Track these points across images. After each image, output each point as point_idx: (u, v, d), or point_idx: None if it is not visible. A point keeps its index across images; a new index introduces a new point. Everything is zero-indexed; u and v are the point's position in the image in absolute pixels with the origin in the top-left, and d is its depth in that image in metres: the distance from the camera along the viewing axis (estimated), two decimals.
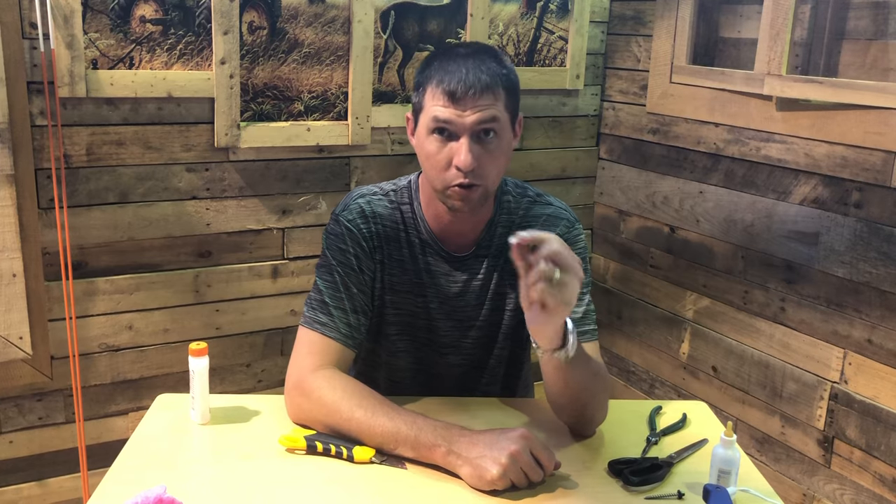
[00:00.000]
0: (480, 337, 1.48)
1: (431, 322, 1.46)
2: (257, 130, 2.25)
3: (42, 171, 2.04)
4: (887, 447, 2.00)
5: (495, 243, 1.43)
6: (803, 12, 2.21)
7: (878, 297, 2.00)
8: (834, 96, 2.02)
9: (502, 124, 1.31)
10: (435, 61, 1.32)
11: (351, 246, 1.39)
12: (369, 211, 1.41)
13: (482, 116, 1.27)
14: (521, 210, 1.45)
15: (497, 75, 1.30)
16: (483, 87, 1.27)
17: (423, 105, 1.32)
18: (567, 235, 1.42)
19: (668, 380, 2.67)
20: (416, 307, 1.45)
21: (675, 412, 1.44)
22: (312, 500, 1.14)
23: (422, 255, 1.43)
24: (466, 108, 1.27)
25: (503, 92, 1.30)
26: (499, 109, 1.29)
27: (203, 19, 2.13)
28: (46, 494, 2.22)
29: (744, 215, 2.34)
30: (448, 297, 1.44)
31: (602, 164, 2.88)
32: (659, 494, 1.19)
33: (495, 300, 1.45)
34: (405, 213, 1.43)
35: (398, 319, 1.46)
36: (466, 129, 1.28)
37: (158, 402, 1.42)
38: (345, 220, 1.41)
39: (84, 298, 2.15)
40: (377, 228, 1.41)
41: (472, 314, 1.46)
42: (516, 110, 1.36)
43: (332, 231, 1.41)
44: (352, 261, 1.39)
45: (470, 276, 1.44)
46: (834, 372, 2.12)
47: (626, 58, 2.74)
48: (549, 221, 1.44)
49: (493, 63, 1.30)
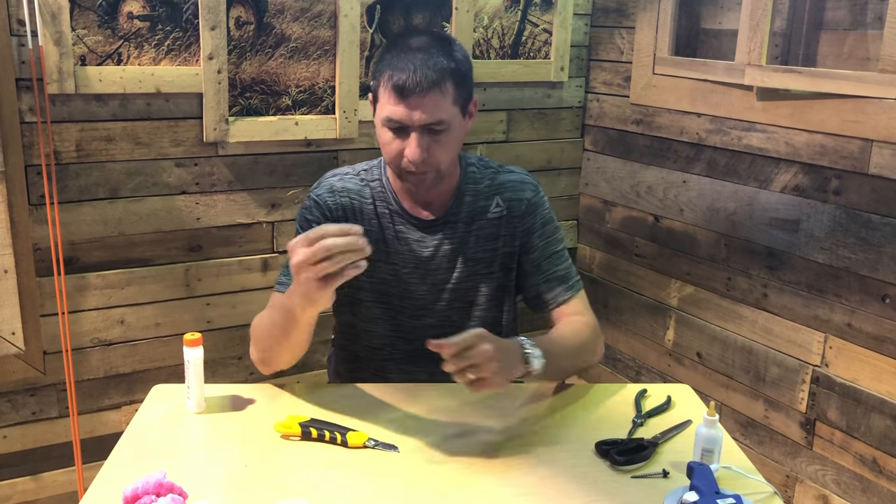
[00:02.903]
0: (454, 300, 1.55)
1: (405, 287, 1.53)
2: (245, 125, 2.27)
3: (32, 168, 2.05)
4: (867, 428, 2.05)
5: (464, 210, 1.52)
6: (782, 3, 2.25)
7: (857, 281, 2.04)
8: (813, 86, 2.06)
9: (451, 117, 1.38)
10: (388, 53, 1.40)
11: (316, 216, 1.50)
12: (339, 187, 1.52)
13: (428, 118, 1.36)
14: (487, 179, 1.55)
15: (444, 70, 1.36)
16: (429, 84, 1.34)
17: (378, 96, 1.41)
18: (535, 198, 1.55)
19: (653, 366, 2.71)
20: (388, 274, 1.53)
21: (659, 395, 1.48)
22: (308, 484, 1.17)
23: (391, 224, 1.52)
24: (414, 108, 1.35)
25: (451, 86, 1.37)
26: (446, 106, 1.37)
27: (190, 15, 2.15)
28: (40, 488, 2.24)
29: (726, 204, 2.38)
30: (420, 261, 1.52)
31: (587, 155, 2.91)
32: (645, 473, 1.23)
33: (469, 265, 1.53)
34: (374, 188, 1.53)
35: (371, 286, 1.53)
36: (415, 126, 1.36)
37: (154, 392, 1.44)
38: (314, 194, 1.53)
39: (75, 293, 2.17)
40: (344, 201, 1.51)
41: (445, 277, 1.53)
42: (468, 96, 1.43)
43: (304, 205, 1.54)
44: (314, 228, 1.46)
45: (440, 240, 1.52)
46: (815, 356, 2.16)
47: (610, 50, 2.77)
48: (517, 186, 1.55)
49: (441, 57, 1.36)
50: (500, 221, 1.53)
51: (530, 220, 1.54)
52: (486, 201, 1.53)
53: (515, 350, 1.30)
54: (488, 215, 1.53)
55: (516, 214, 1.53)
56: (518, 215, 1.53)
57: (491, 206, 1.53)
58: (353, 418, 1.34)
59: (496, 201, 1.53)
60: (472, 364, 1.21)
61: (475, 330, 1.25)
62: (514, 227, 1.53)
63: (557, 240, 1.56)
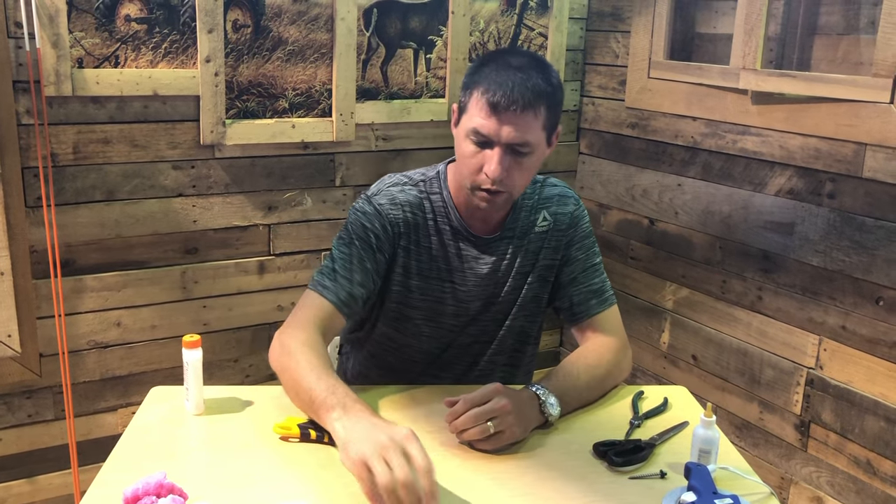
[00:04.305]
0: (497, 311, 1.56)
1: (460, 304, 1.53)
2: (242, 128, 2.28)
3: (29, 170, 2.05)
4: (861, 430, 2.06)
5: (518, 226, 1.53)
6: (777, 8, 2.27)
7: (850, 284, 2.06)
8: (807, 90, 2.08)
9: (537, 141, 1.38)
10: (486, 67, 1.38)
11: (376, 226, 1.46)
12: (402, 199, 1.49)
13: (517, 138, 1.35)
14: (536, 194, 1.56)
15: (541, 93, 1.35)
16: (525, 104, 1.33)
17: (468, 108, 1.39)
18: (577, 211, 1.57)
19: (649, 369, 2.72)
20: (444, 292, 1.52)
21: (656, 397, 1.49)
22: (307, 485, 1.18)
23: (452, 241, 1.50)
24: (505, 124, 1.34)
25: (544, 110, 1.36)
26: (536, 129, 1.36)
27: (188, 18, 2.15)
28: (36, 491, 2.24)
29: (721, 207, 2.40)
30: (479, 279, 1.52)
31: (582, 159, 2.93)
32: (642, 474, 1.24)
33: (517, 278, 1.54)
34: (435, 203, 1.50)
35: (424, 304, 1.52)
36: (501, 142, 1.35)
37: (152, 394, 1.44)
38: (376, 202, 1.48)
39: (72, 296, 2.17)
40: (405, 216, 1.48)
41: (496, 291, 1.54)
42: (556, 124, 1.42)
43: (361, 209, 1.48)
44: (371, 239, 1.46)
45: (498, 257, 1.53)
46: (810, 358, 2.18)
47: (605, 54, 2.79)
48: (561, 200, 1.57)
49: (539, 80, 1.35)
50: (545, 235, 1.54)
51: (572, 233, 1.56)
52: (535, 215, 1.54)
53: (532, 402, 1.33)
54: (536, 229, 1.54)
55: (561, 227, 1.55)
56: (563, 228, 1.55)
57: (538, 219, 1.54)
58: None
59: (543, 215, 1.54)
60: (491, 418, 1.24)
61: (491, 385, 1.28)
62: (559, 240, 1.55)
63: (595, 253, 1.58)
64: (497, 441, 1.26)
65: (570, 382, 1.40)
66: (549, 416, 1.33)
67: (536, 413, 1.33)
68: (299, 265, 2.46)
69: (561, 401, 1.35)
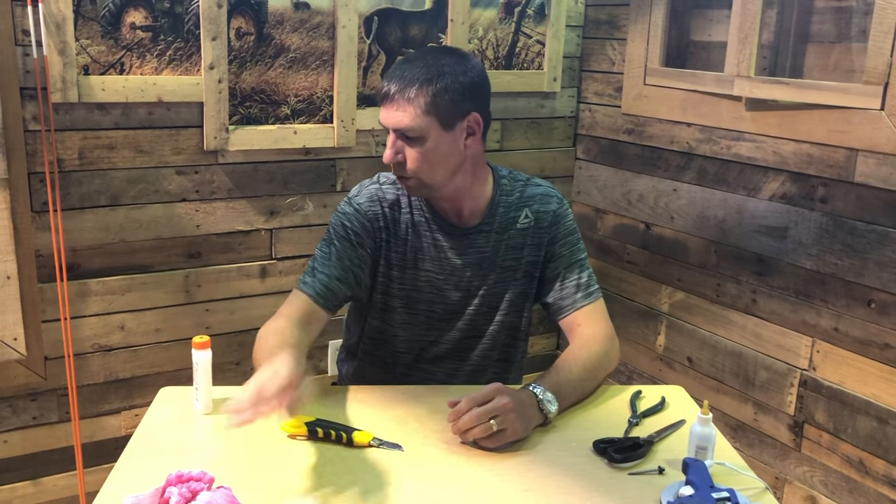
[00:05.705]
0: (482, 305, 1.60)
1: (438, 293, 1.58)
2: (245, 134, 2.31)
3: (35, 175, 2.08)
4: (854, 430, 2.10)
5: (497, 220, 1.58)
6: (770, 16, 2.31)
7: (843, 287, 2.10)
8: (800, 96, 2.12)
9: (423, 127, 1.41)
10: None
11: (355, 224, 1.53)
12: (380, 196, 1.56)
13: (397, 123, 1.42)
14: (517, 192, 1.60)
15: (415, 79, 1.40)
16: (398, 90, 1.41)
17: None
18: (560, 209, 1.62)
19: (645, 371, 2.76)
20: (422, 280, 1.57)
21: (654, 396, 1.52)
22: (315, 482, 1.21)
23: (428, 232, 1.56)
24: (388, 110, 1.43)
25: (423, 96, 1.40)
26: (414, 114, 1.40)
27: (192, 25, 2.18)
28: (41, 493, 2.26)
29: (716, 211, 2.44)
30: (455, 269, 1.57)
31: (579, 164, 2.96)
32: (641, 470, 1.27)
33: (498, 272, 1.59)
34: (411, 196, 1.56)
35: (404, 293, 1.58)
36: (390, 129, 1.44)
37: (161, 394, 1.47)
38: (356, 203, 1.56)
39: (77, 299, 2.19)
40: (384, 211, 1.55)
41: (477, 284, 1.59)
42: (456, 111, 1.43)
43: (342, 210, 1.56)
44: (351, 236, 1.53)
45: (477, 248, 1.58)
46: (803, 360, 2.21)
47: (602, 61, 2.83)
48: (544, 199, 1.61)
49: (423, 68, 1.41)
50: (527, 231, 1.59)
51: (555, 230, 1.60)
52: (516, 212, 1.59)
53: (531, 400, 1.36)
54: (517, 225, 1.59)
55: (543, 225, 1.60)
56: (545, 226, 1.60)
57: (520, 216, 1.59)
58: (358, 418, 1.38)
59: (525, 212, 1.59)
60: (493, 416, 1.27)
61: (492, 385, 1.32)
62: (541, 237, 1.60)
63: (580, 249, 1.63)
64: (499, 439, 1.29)
65: (563, 377, 1.44)
66: (548, 412, 1.37)
67: (536, 412, 1.36)
68: (301, 269, 2.50)
69: (557, 396, 1.38)
